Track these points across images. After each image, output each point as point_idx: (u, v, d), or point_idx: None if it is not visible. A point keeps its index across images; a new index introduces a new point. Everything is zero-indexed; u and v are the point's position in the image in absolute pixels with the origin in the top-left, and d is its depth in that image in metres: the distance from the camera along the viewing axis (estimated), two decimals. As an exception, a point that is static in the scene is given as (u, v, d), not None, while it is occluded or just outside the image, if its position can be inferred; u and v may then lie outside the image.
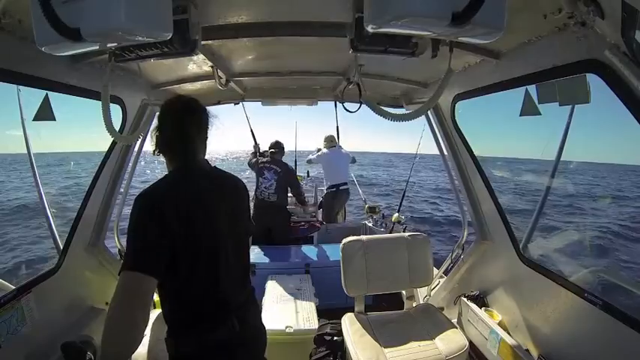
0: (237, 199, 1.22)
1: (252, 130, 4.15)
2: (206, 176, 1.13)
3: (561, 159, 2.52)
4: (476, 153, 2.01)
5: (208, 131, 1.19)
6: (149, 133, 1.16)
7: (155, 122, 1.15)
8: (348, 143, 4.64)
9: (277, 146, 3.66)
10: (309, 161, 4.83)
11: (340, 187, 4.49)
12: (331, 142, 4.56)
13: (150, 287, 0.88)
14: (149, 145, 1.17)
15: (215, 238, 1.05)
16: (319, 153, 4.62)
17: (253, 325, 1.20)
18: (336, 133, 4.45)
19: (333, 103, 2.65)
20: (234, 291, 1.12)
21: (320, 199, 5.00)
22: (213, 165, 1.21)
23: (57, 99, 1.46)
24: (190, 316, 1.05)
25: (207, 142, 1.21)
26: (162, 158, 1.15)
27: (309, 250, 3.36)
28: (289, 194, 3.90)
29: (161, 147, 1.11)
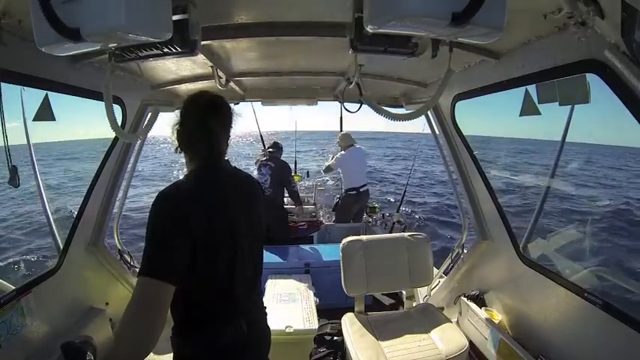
0: (256, 202, 1.19)
1: (261, 135, 4.43)
2: (229, 177, 1.11)
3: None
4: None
5: (231, 130, 1.14)
6: (172, 128, 1.10)
7: (176, 117, 1.10)
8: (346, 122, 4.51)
9: (275, 146, 3.97)
10: (328, 169, 4.46)
11: (361, 189, 4.30)
12: (348, 141, 4.32)
13: (167, 293, 0.86)
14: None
15: (234, 240, 1.03)
16: (337, 156, 4.34)
17: (259, 326, 1.20)
18: (339, 126, 4.36)
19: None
20: (246, 293, 1.10)
21: (319, 199, 4.98)
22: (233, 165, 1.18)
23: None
24: (201, 316, 1.03)
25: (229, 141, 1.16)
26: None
27: (309, 250, 3.36)
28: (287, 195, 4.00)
29: (183, 144, 1.07)
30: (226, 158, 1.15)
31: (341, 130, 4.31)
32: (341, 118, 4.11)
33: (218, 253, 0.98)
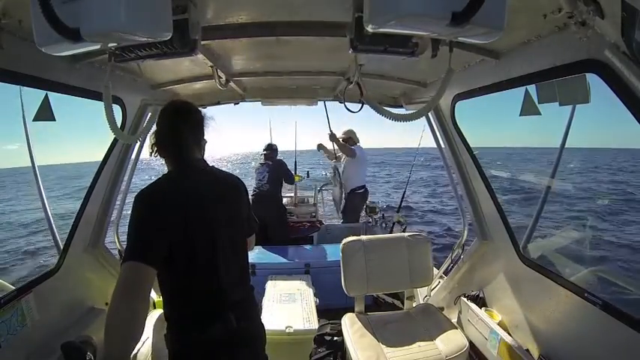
0: (235, 198, 1.24)
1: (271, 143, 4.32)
2: (203, 175, 1.16)
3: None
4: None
5: (204, 132, 1.23)
6: (150, 136, 1.19)
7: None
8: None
9: (269, 148, 4.11)
10: (350, 152, 4.11)
11: (365, 186, 4.36)
12: (356, 138, 4.28)
13: (148, 276, 0.91)
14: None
15: (212, 235, 1.07)
16: (355, 149, 4.17)
17: (251, 322, 1.21)
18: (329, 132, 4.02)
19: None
20: (232, 288, 1.13)
21: (319, 198, 4.96)
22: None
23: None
24: (188, 312, 1.07)
25: (206, 144, 1.25)
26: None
27: (309, 250, 3.37)
28: (290, 193, 4.01)
29: (158, 147, 1.15)
30: (203, 158, 1.23)
31: (330, 131, 3.87)
32: (328, 118, 3.91)
33: (196, 248, 1.03)
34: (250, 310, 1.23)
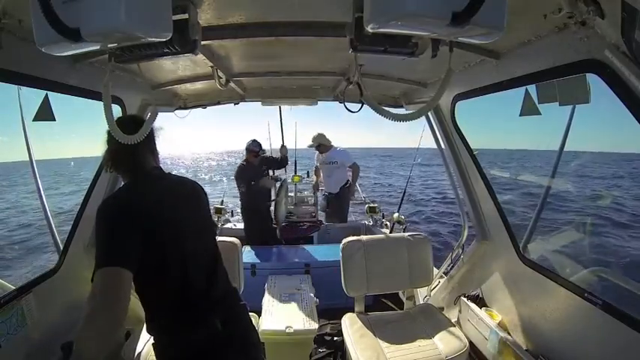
0: (196, 199, 1.26)
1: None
2: (162, 181, 1.17)
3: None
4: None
5: (155, 142, 1.23)
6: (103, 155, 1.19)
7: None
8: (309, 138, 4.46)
9: (248, 149, 3.68)
10: (355, 166, 4.57)
11: (348, 180, 4.54)
12: (324, 141, 4.45)
13: (125, 280, 0.89)
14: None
15: (180, 238, 1.07)
16: (347, 154, 4.52)
17: (238, 325, 1.20)
18: (281, 134, 4.29)
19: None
20: (210, 291, 1.12)
21: (320, 199, 4.96)
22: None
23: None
24: (168, 319, 1.06)
25: (158, 154, 1.25)
26: None
27: (309, 250, 3.36)
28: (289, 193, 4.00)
29: (111, 162, 1.16)
30: (159, 166, 1.24)
31: (283, 144, 3.99)
32: (281, 128, 4.13)
33: (166, 254, 1.03)
34: (236, 312, 1.22)
